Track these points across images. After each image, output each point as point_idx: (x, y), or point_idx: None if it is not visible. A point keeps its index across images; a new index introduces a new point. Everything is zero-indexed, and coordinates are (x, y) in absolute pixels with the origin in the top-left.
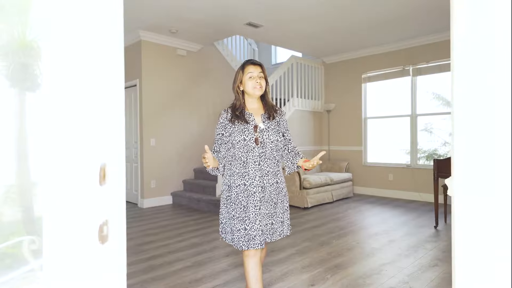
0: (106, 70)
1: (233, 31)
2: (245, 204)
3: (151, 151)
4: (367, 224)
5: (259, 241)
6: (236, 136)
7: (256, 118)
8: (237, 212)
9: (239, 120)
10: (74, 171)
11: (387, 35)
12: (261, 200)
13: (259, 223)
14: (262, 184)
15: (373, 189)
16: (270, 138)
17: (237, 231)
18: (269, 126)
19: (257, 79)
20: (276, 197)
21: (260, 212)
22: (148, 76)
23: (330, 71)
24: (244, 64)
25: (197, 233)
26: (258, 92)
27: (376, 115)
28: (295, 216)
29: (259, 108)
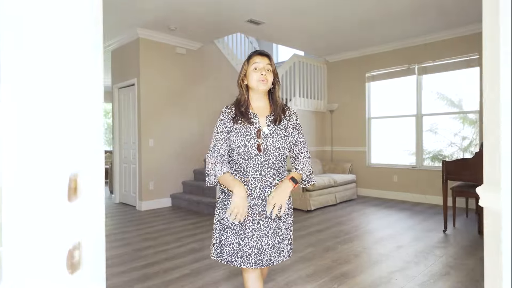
0: (80, 65)
1: (234, 28)
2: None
3: (149, 152)
4: (373, 228)
5: (254, 261)
6: (236, 140)
7: (261, 120)
8: (232, 224)
9: (243, 119)
10: (33, 183)
11: (392, 33)
12: (260, 214)
13: (256, 240)
14: (262, 197)
15: (378, 190)
16: (275, 144)
17: (230, 244)
18: (275, 131)
19: (263, 71)
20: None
21: (260, 228)
22: (146, 75)
23: (333, 70)
24: (250, 55)
25: (196, 237)
26: (262, 86)
27: (380, 115)
28: (298, 219)
29: (265, 108)
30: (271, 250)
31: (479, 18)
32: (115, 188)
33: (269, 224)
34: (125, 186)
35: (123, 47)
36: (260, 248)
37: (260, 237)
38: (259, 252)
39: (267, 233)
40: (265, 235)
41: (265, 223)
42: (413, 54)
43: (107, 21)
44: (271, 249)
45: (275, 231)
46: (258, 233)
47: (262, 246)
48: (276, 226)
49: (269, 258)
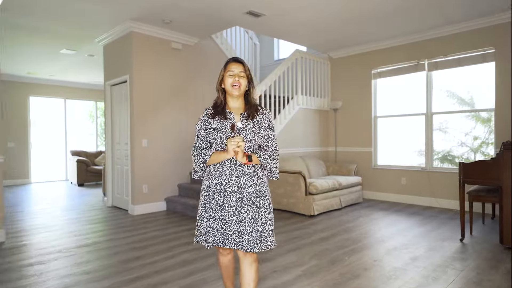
0: None
1: (232, 21)
2: (221, 204)
3: (142, 153)
4: (383, 236)
5: (235, 242)
6: (213, 134)
7: (236, 117)
8: (213, 211)
9: (219, 116)
10: None
11: (401, 26)
12: (237, 201)
13: (236, 223)
14: (238, 184)
15: (385, 194)
16: (248, 137)
17: (213, 229)
18: (248, 125)
19: (237, 77)
20: (259, 200)
21: (238, 214)
22: (139, 71)
23: (337, 67)
24: (227, 62)
25: (189, 246)
26: (235, 91)
27: (387, 114)
28: (300, 225)
29: (240, 108)
30: (249, 236)
31: (495, 10)
32: (108, 190)
33: (246, 211)
34: (118, 189)
35: (115, 42)
36: (239, 231)
37: (239, 222)
38: (239, 234)
39: (245, 219)
40: (243, 220)
41: (242, 209)
42: (422, 48)
43: (99, 13)
44: (249, 235)
45: (254, 219)
46: (237, 218)
47: (241, 230)
48: (256, 215)
49: (247, 243)
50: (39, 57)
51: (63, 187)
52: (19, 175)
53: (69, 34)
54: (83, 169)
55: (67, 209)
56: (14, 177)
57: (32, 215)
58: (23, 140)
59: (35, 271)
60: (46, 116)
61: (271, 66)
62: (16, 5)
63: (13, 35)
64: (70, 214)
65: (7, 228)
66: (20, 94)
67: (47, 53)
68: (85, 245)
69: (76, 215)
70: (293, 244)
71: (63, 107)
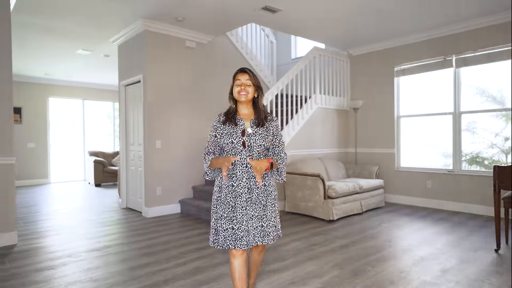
0: None
1: (247, 18)
2: (233, 205)
3: (156, 154)
4: (409, 245)
5: (246, 242)
6: (225, 139)
7: (246, 123)
8: (225, 212)
9: (230, 123)
10: None
11: (426, 19)
12: (247, 201)
13: (246, 223)
14: (248, 185)
15: (408, 197)
16: (257, 142)
17: (225, 230)
18: (257, 131)
19: (243, 85)
20: (265, 199)
21: (247, 213)
22: (153, 70)
23: (357, 64)
24: (235, 73)
25: (202, 253)
26: (242, 98)
27: (411, 113)
28: (319, 231)
29: (250, 114)
30: (255, 231)
31: None
32: (122, 192)
33: (254, 209)
34: (132, 190)
35: (129, 41)
36: (247, 230)
37: (247, 220)
38: (247, 233)
39: (252, 216)
40: (251, 218)
41: (250, 208)
42: (450, 43)
43: (112, 12)
44: (255, 230)
45: (260, 216)
46: (246, 217)
47: (249, 228)
48: (261, 212)
49: (253, 238)
50: (55, 58)
51: (80, 187)
52: (39, 175)
53: (83, 34)
54: (100, 169)
55: (81, 210)
56: (34, 177)
57: (47, 216)
58: (42, 141)
59: (43, 277)
60: (65, 117)
61: (288, 64)
62: (30, 5)
63: (28, 36)
64: (84, 215)
65: (20, 229)
66: (40, 95)
67: (63, 54)
68: (95, 249)
69: (90, 216)
70: (311, 252)
71: (81, 108)
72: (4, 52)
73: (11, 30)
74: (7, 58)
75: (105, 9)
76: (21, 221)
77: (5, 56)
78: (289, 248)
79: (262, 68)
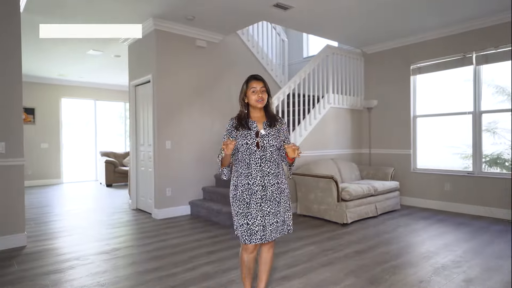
0: None
1: (258, 15)
2: (248, 201)
3: (166, 155)
4: (428, 251)
5: (260, 237)
6: (240, 140)
7: (259, 125)
8: (241, 208)
9: (243, 128)
10: None
11: (445, 15)
12: (262, 198)
13: (260, 219)
14: (263, 183)
15: (425, 200)
16: (270, 142)
17: (240, 226)
18: (270, 132)
19: (259, 93)
20: (279, 197)
21: (262, 209)
22: (163, 70)
23: (371, 63)
24: (248, 79)
25: (212, 257)
26: (260, 105)
27: (427, 113)
28: (333, 235)
29: (262, 117)
30: (271, 227)
31: None
32: (132, 193)
33: (269, 205)
34: (142, 191)
35: (139, 41)
36: (263, 225)
37: (263, 216)
38: (263, 228)
39: (268, 213)
40: (267, 214)
41: (265, 205)
42: (470, 40)
43: (122, 11)
44: (271, 226)
45: (275, 212)
46: (261, 213)
47: (265, 224)
48: (276, 208)
49: (270, 234)
50: (67, 59)
51: (92, 187)
52: (52, 175)
53: None
54: (111, 170)
55: (92, 211)
56: (47, 177)
57: (58, 216)
58: (55, 141)
59: (50, 281)
60: (77, 117)
61: (300, 63)
62: (40, 5)
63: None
64: (95, 216)
65: (31, 230)
66: (53, 96)
67: (74, 54)
68: (104, 252)
69: (100, 217)
70: (325, 258)
71: (93, 108)
72: (14, 55)
73: (25, 30)
74: (17, 60)
75: (114, 8)
76: (33, 222)
77: (15, 58)
78: (301, 253)
79: (274, 68)
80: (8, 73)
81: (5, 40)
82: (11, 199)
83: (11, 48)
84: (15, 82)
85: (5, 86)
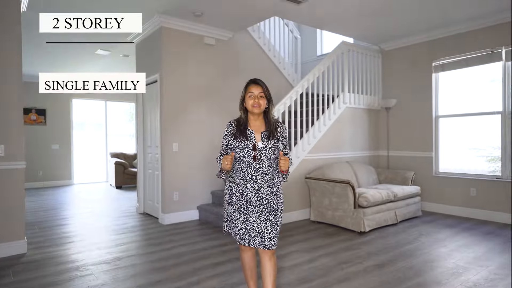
0: None
1: (269, 11)
2: (244, 208)
3: (173, 158)
4: (457, 266)
5: (257, 241)
6: (237, 153)
7: (257, 135)
8: (238, 214)
9: (241, 136)
10: None
11: (470, 8)
12: (258, 206)
13: (257, 225)
14: (257, 195)
15: (449, 206)
16: (267, 156)
17: (239, 229)
18: (268, 145)
19: (256, 98)
20: (276, 204)
21: (259, 217)
22: (170, 69)
23: (389, 60)
24: (247, 83)
25: (218, 269)
26: (255, 110)
27: (451, 113)
28: (349, 244)
29: (261, 126)
30: (270, 235)
31: None
32: (139, 196)
33: (266, 213)
34: (149, 195)
35: (146, 40)
36: (260, 232)
37: (260, 223)
38: (260, 235)
39: (265, 220)
40: (264, 221)
41: (262, 212)
42: (499, 34)
43: (128, 8)
44: (270, 234)
45: (274, 220)
46: (258, 220)
47: (262, 231)
48: (274, 216)
49: (269, 242)
50: (76, 59)
51: (101, 189)
52: (63, 177)
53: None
54: (121, 171)
55: (98, 215)
56: (58, 178)
57: (64, 220)
58: (66, 142)
59: None
60: (88, 118)
61: (313, 62)
62: (44, 2)
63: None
64: (100, 221)
65: (34, 235)
66: (64, 97)
67: (82, 54)
68: (104, 261)
69: (106, 222)
70: (341, 272)
71: (103, 109)
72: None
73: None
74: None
75: (120, 4)
76: (37, 227)
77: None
78: (315, 266)
79: (286, 66)
80: (8, 74)
81: (4, 42)
82: (11, 204)
83: (11, 50)
84: (15, 83)
85: (5, 87)
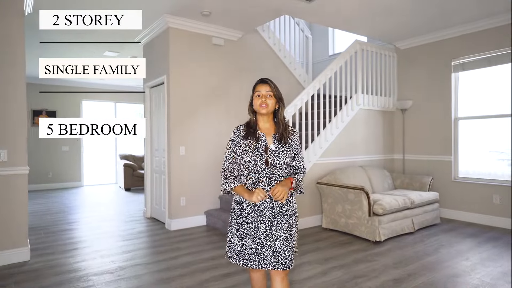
0: None
1: (279, 9)
2: (256, 224)
3: (180, 162)
4: (483, 283)
5: (270, 262)
6: (247, 157)
7: (268, 138)
8: (249, 231)
9: (251, 137)
10: None
11: (493, 2)
12: (271, 221)
13: (270, 243)
14: (272, 205)
15: (470, 214)
16: (281, 160)
17: (249, 249)
18: (280, 147)
19: (263, 97)
20: (291, 218)
21: (273, 233)
22: (177, 71)
23: (405, 59)
24: (255, 83)
25: (226, 282)
26: (263, 110)
27: (472, 115)
28: (364, 255)
29: (271, 128)
30: (285, 254)
31: None
32: (146, 200)
33: (280, 229)
34: (156, 199)
35: (153, 40)
36: (274, 250)
37: (274, 241)
38: (273, 254)
39: (280, 237)
40: (278, 239)
41: (277, 229)
42: None
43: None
44: (285, 253)
45: (289, 237)
46: (271, 238)
47: (276, 249)
48: (289, 232)
49: (284, 262)
50: None
51: (111, 191)
52: (72, 178)
53: (109, 34)
54: (130, 173)
55: (105, 219)
56: (68, 180)
57: (70, 225)
58: (76, 144)
59: None
60: None
61: (325, 62)
62: (49, 3)
63: (55, 37)
64: (107, 225)
65: (39, 241)
66: (74, 98)
67: (90, 56)
68: (107, 271)
69: (112, 227)
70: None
71: (113, 111)
72: (17, 60)
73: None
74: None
75: (128, 5)
76: (42, 232)
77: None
78: (327, 280)
79: (297, 66)
80: (10, 78)
81: (6, 46)
82: (13, 210)
83: (13, 54)
84: (18, 87)
85: (8, 91)
